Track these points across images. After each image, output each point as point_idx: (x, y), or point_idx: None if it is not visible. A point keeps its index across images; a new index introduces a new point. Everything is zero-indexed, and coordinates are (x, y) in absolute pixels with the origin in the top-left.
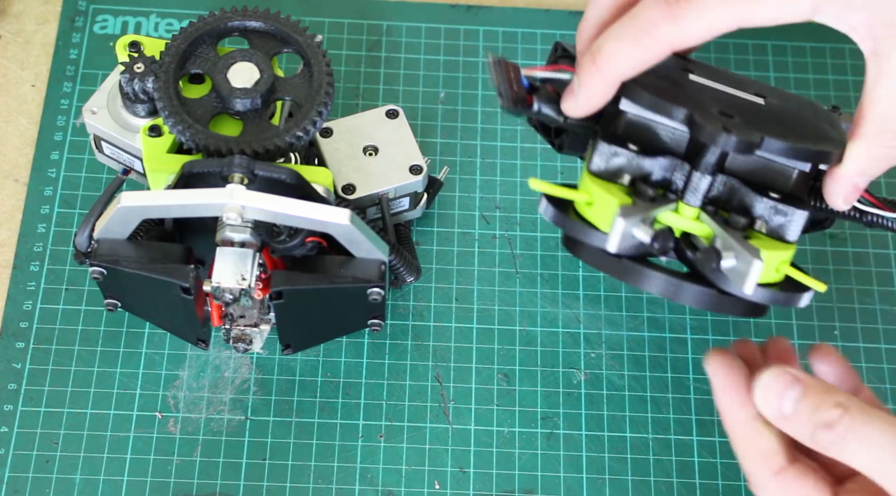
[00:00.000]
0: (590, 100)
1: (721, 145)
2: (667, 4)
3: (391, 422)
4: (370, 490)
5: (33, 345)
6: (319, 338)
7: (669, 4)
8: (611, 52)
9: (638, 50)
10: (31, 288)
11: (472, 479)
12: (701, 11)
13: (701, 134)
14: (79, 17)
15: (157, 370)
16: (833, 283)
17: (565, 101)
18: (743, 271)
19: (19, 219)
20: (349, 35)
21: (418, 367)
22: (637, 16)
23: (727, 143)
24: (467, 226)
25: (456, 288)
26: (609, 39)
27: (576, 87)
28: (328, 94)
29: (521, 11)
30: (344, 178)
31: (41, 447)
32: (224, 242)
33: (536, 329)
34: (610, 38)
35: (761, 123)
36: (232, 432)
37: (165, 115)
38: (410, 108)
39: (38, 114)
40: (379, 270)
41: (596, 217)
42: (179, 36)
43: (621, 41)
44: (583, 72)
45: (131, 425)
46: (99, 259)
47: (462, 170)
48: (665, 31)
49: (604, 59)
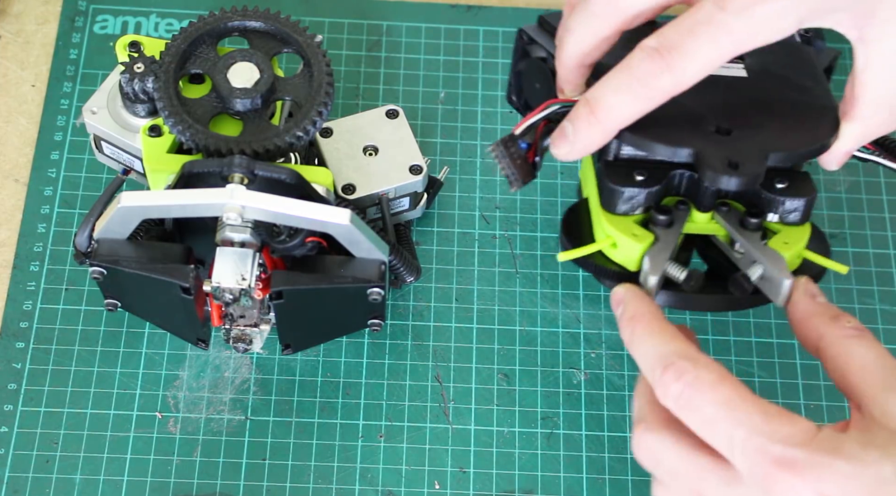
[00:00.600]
0: (587, 148)
1: (725, 187)
2: (661, 56)
3: (391, 422)
4: (370, 490)
5: (33, 345)
6: (319, 338)
7: (663, 55)
8: (610, 105)
9: (638, 102)
10: (31, 288)
11: (472, 479)
12: (694, 56)
13: (704, 178)
14: (79, 17)
15: (157, 370)
16: (833, 283)
17: (559, 147)
18: (774, 287)
19: (19, 219)
20: (349, 35)
21: (418, 367)
22: (633, 68)
23: (730, 184)
24: (467, 226)
25: (456, 288)
26: (607, 93)
27: (570, 134)
28: (328, 94)
29: (521, 11)
30: (344, 178)
31: (41, 447)
32: (224, 242)
33: (536, 329)
34: (608, 91)
35: (757, 123)
36: (232, 432)
37: (165, 115)
38: (410, 108)
39: (38, 114)
40: (379, 270)
41: (622, 257)
42: (179, 36)
43: (621, 94)
44: (580, 122)
45: (131, 425)
46: (99, 259)
47: (462, 170)
48: (665, 82)
49: (604, 112)
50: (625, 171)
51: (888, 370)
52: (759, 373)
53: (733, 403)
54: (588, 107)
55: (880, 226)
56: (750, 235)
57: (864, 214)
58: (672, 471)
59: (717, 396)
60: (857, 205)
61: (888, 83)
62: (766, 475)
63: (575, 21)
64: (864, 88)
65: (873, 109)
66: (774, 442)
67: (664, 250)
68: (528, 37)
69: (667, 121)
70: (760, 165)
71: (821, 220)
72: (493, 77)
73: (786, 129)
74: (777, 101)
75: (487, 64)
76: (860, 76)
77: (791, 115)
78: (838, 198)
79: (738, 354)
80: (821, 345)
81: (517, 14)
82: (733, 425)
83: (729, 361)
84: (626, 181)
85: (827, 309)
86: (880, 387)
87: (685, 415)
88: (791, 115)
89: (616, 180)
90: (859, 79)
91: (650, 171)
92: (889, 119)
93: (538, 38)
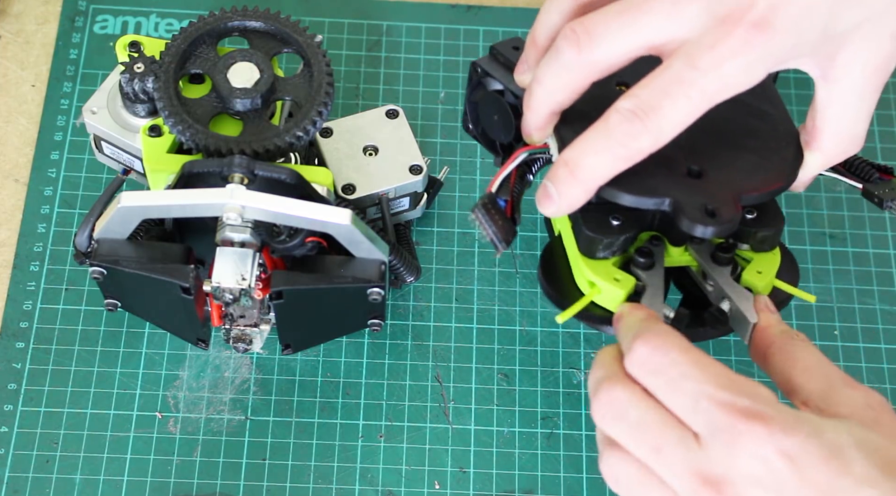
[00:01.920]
0: (570, 206)
1: (701, 235)
2: (638, 119)
3: (391, 422)
4: (370, 490)
5: (33, 345)
6: (319, 338)
7: (641, 118)
8: (590, 166)
9: (617, 162)
10: (31, 288)
11: (472, 479)
12: (670, 115)
13: (681, 224)
14: (79, 17)
15: (157, 370)
16: (833, 283)
17: (544, 206)
18: (741, 324)
19: (19, 219)
20: (349, 35)
21: (418, 367)
22: (610, 130)
23: (706, 233)
24: (467, 226)
25: (456, 288)
26: (587, 154)
27: (553, 195)
28: (328, 94)
29: (521, 11)
30: (344, 178)
31: (41, 447)
32: (224, 242)
33: (536, 329)
34: (587, 152)
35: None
36: (232, 432)
37: (165, 115)
38: (410, 108)
39: (38, 114)
40: (379, 270)
41: (606, 302)
42: (179, 36)
43: (600, 156)
44: (562, 183)
45: (131, 425)
46: (99, 259)
47: (462, 170)
48: (643, 143)
49: (583, 172)
50: (600, 218)
51: (831, 372)
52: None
53: (700, 365)
54: (567, 168)
55: (880, 226)
56: (720, 271)
57: (864, 214)
58: (638, 423)
59: (684, 359)
60: (857, 205)
61: (849, 116)
62: (731, 426)
63: (545, 72)
64: (826, 123)
65: (836, 141)
66: (741, 396)
67: (656, 295)
68: (482, 69)
69: (639, 168)
70: (736, 213)
71: (821, 219)
72: None
73: (755, 167)
74: (741, 132)
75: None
76: (823, 111)
77: (757, 149)
78: (838, 198)
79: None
80: (768, 352)
81: (517, 14)
82: (700, 383)
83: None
84: (603, 229)
85: (779, 323)
86: (827, 385)
87: (651, 380)
88: (757, 148)
89: (593, 228)
90: (821, 114)
91: (625, 214)
92: (850, 147)
93: (493, 72)
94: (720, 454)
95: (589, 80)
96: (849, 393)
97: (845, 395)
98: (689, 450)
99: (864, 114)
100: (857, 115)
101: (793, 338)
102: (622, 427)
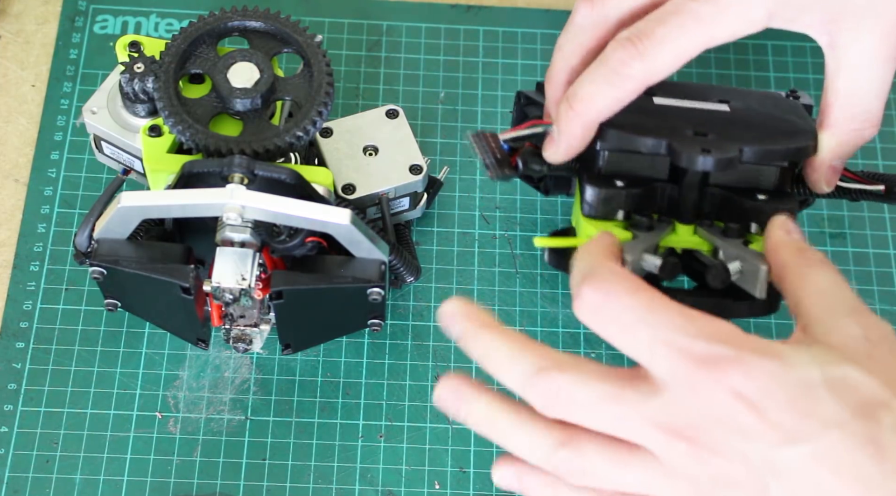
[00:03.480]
0: (571, 144)
1: (701, 167)
2: (632, 43)
3: (391, 422)
4: (370, 490)
5: (33, 345)
6: (319, 338)
7: (634, 43)
8: (587, 95)
9: (613, 90)
10: (31, 288)
11: (471, 479)
12: (665, 43)
13: (680, 160)
14: (79, 17)
15: (157, 370)
16: None
17: (547, 149)
18: (752, 278)
19: (19, 219)
20: (349, 35)
21: (418, 367)
22: (607, 58)
23: (706, 164)
24: (467, 226)
25: (456, 288)
26: (584, 84)
27: (556, 135)
28: (328, 94)
29: (521, 11)
30: (344, 178)
31: (41, 447)
32: (224, 242)
33: (536, 329)
34: (584, 82)
35: (734, 133)
36: (232, 432)
37: (165, 115)
38: (410, 108)
39: (38, 114)
40: (379, 270)
41: None
42: (179, 36)
43: (596, 84)
44: (562, 118)
45: (131, 425)
46: (99, 259)
47: (462, 170)
48: (636, 69)
49: (581, 103)
50: (606, 179)
51: (840, 298)
52: None
53: (653, 307)
54: (567, 103)
55: (880, 226)
56: (731, 241)
57: (864, 214)
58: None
59: (634, 303)
60: (857, 205)
61: (859, 88)
62: (688, 375)
63: (562, 37)
64: (836, 95)
65: (847, 115)
66: (698, 340)
67: (641, 243)
68: (525, 98)
69: (647, 123)
70: (733, 150)
71: (821, 219)
72: (493, 77)
73: (763, 135)
74: (758, 123)
75: (487, 64)
76: (832, 83)
77: (770, 128)
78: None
79: None
80: (783, 273)
81: (517, 14)
82: (654, 327)
83: None
84: (605, 184)
85: (797, 242)
86: (829, 311)
87: (603, 328)
88: (770, 128)
89: (596, 183)
90: (831, 85)
91: (628, 178)
92: (864, 126)
93: (537, 98)
94: (682, 403)
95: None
96: (846, 322)
97: (842, 324)
98: (649, 399)
99: (878, 85)
100: (870, 86)
101: (808, 259)
102: None
